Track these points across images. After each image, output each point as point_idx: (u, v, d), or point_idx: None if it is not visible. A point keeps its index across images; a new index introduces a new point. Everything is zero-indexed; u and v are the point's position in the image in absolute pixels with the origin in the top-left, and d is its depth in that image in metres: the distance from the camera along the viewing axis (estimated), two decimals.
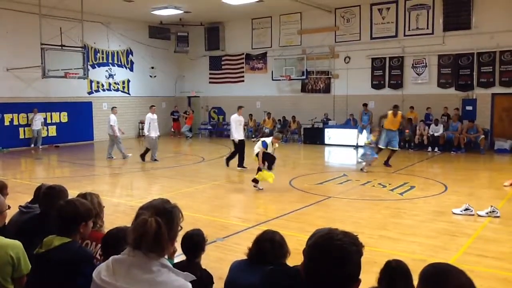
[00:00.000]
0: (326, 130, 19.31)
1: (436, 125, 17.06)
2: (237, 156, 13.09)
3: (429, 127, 17.19)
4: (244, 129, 15.11)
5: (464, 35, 17.18)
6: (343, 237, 1.74)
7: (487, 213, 7.73)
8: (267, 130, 21.31)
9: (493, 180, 11.15)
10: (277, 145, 10.60)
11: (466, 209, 7.90)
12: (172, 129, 23.96)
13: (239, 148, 13.03)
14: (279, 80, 21.65)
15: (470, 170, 13.17)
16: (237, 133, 13.06)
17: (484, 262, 5.74)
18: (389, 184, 10.68)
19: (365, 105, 18.57)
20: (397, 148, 13.45)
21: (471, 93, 17.44)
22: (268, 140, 10.48)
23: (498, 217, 7.65)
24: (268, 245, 3.01)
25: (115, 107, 16.30)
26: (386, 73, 19.23)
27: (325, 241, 1.74)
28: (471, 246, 6.32)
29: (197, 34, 24.12)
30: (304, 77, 21.02)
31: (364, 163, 12.61)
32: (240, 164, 12.96)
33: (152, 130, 14.45)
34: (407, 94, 18.55)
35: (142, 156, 14.58)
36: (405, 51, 18.61)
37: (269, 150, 10.31)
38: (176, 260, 3.43)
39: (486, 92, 17.13)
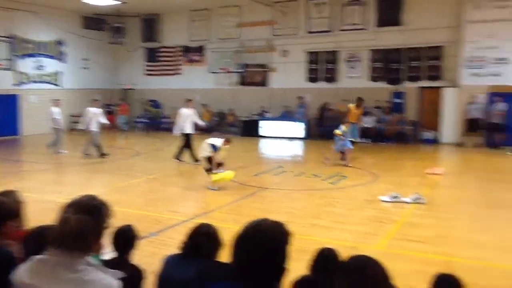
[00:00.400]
0: (262, 122, 19.52)
1: (369, 117, 17.71)
2: (188, 151, 12.65)
3: (362, 119, 17.80)
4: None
5: (395, 31, 17.91)
6: (270, 227, 1.75)
7: (413, 199, 8.16)
8: (204, 124, 21.21)
9: (419, 168, 11.76)
10: (227, 146, 9.77)
11: (394, 197, 8.30)
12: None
13: (188, 142, 12.68)
14: (217, 73, 21.59)
15: (399, 159, 13.81)
16: (188, 127, 12.69)
17: (410, 246, 6.06)
18: (322, 174, 10.99)
19: (300, 97, 18.92)
20: (359, 141, 13.75)
21: (400, 86, 18.25)
22: (218, 142, 9.46)
23: (423, 203, 8.09)
24: (203, 239, 3.00)
25: (58, 100, 15.53)
26: (321, 67, 19.69)
27: (255, 233, 1.74)
28: (398, 232, 6.65)
29: (134, 25, 23.50)
30: (242, 70, 21.09)
31: (345, 160, 12.26)
32: (195, 159, 12.27)
33: (94, 123, 13.84)
34: (341, 88, 19.10)
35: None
36: (340, 46, 19.14)
37: (219, 155, 9.44)
38: (113, 257, 3.36)
39: (414, 85, 18.01)
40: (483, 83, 15.99)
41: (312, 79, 19.89)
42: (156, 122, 23.35)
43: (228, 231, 2.75)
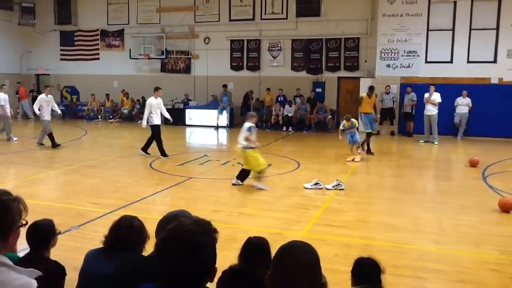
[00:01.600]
0: (187, 110, 19.28)
1: (290, 106, 18.14)
2: (155, 145, 11.76)
3: (284, 108, 18.21)
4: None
5: (314, 21, 18.41)
6: (194, 228, 1.65)
7: (333, 186, 8.50)
8: (125, 111, 20.60)
9: (339, 156, 12.27)
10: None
11: (316, 184, 8.59)
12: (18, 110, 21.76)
13: (155, 134, 11.66)
14: (138, 58, 20.95)
15: (320, 147, 14.31)
16: (154, 118, 11.59)
17: (332, 231, 6.32)
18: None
19: (224, 86, 18.94)
20: (376, 131, 13.14)
21: (320, 76, 18.84)
22: (250, 123, 8.64)
23: (342, 189, 8.46)
24: (126, 232, 2.91)
25: (4, 85, 14.33)
26: (245, 55, 19.79)
27: (175, 234, 1.65)
28: (320, 217, 6.90)
29: (46, 6, 22.10)
30: (164, 56, 20.64)
31: (360, 149, 11.88)
32: (163, 153, 11.60)
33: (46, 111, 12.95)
34: (264, 76, 19.36)
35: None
36: (262, 35, 19.33)
37: (254, 135, 8.66)
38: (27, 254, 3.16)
39: (333, 75, 18.67)
40: (396, 74, 16.95)
41: (236, 67, 19.95)
42: (73, 109, 22.28)
43: (155, 222, 2.70)
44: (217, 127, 18.30)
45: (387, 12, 16.88)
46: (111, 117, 20.81)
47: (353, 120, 11.65)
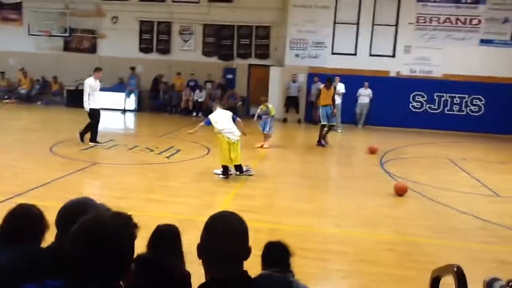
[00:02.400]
0: None
1: (200, 91, 17.99)
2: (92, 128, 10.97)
3: (194, 93, 18.02)
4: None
5: (226, 7, 18.33)
6: (113, 221, 1.59)
7: (243, 172, 8.59)
8: (23, 91, 19.14)
9: (248, 142, 12.40)
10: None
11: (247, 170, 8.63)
12: None
13: (95, 119, 10.89)
14: (38, 35, 19.48)
15: None
16: (93, 101, 10.76)
17: (242, 216, 6.38)
18: (156, 148, 10.87)
19: (132, 68, 18.29)
20: (334, 123, 12.98)
21: (231, 62, 18.87)
22: (230, 112, 8.72)
23: (252, 175, 8.59)
24: (24, 221, 2.68)
25: None
26: (154, 37, 19.22)
27: (93, 227, 1.56)
28: (231, 203, 6.97)
29: None
30: (67, 34, 19.41)
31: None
32: (93, 138, 10.87)
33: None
34: (174, 60, 18.97)
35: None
36: (173, 17, 18.87)
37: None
38: None
39: (244, 62, 18.80)
40: (304, 64, 17.48)
41: (145, 50, 19.32)
42: None
43: (53, 210, 2.53)
44: (124, 111, 17.66)
45: (297, 3, 17.28)
46: (6, 97, 19.21)
47: (270, 106, 11.86)
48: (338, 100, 15.46)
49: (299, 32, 17.40)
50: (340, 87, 15.48)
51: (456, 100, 16.96)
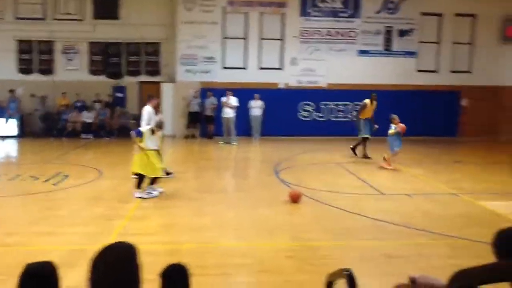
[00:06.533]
0: None
1: (89, 112, 17.20)
2: None
3: (82, 114, 17.16)
4: None
5: (113, 24, 17.78)
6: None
7: (146, 194, 8.30)
8: None
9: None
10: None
11: (149, 192, 8.29)
12: None
13: None
14: None
15: (123, 153, 13.87)
16: None
17: (138, 239, 6.08)
18: (42, 175, 10.10)
19: (11, 91, 16.95)
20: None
21: (120, 80, 18.30)
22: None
23: (154, 196, 8.33)
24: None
25: None
26: (35, 57, 18.01)
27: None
28: (125, 227, 6.68)
29: None
30: None
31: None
32: None
33: None
34: (59, 81, 17.90)
35: None
36: (55, 36, 17.83)
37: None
38: None
39: (134, 80, 18.33)
40: (196, 79, 17.50)
41: (25, 71, 17.99)
42: None
43: None
44: (3, 137, 16.25)
45: (185, 20, 17.31)
46: None
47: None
48: (231, 113, 15.71)
49: (189, 48, 17.41)
50: (233, 101, 15.74)
51: (341, 108, 18.09)
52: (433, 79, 18.07)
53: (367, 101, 13.24)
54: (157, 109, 10.70)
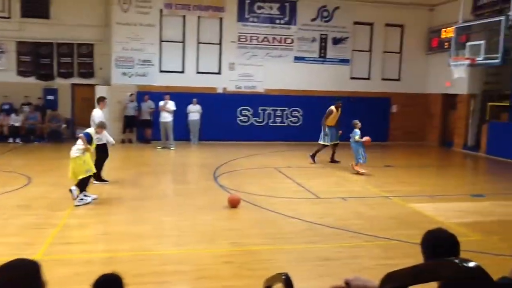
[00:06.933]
0: None
1: (17, 115, 16.33)
2: None
3: (9, 117, 16.27)
4: None
5: (43, 23, 17.00)
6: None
7: (82, 199, 7.99)
8: None
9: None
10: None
11: (81, 199, 7.96)
12: None
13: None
14: None
15: (55, 159, 13.29)
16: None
17: (71, 249, 5.94)
18: None
19: None
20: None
21: (52, 82, 17.54)
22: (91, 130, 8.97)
23: (89, 203, 8.05)
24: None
25: None
26: None
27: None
28: (57, 236, 6.40)
29: None
30: None
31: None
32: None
33: None
34: None
35: None
36: None
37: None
38: None
39: (67, 82, 17.63)
40: (132, 83, 17.11)
41: None
42: None
43: None
44: None
45: (121, 21, 16.88)
46: None
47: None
48: (170, 117, 15.51)
49: (124, 50, 16.99)
50: (170, 105, 15.55)
51: (278, 113, 18.38)
52: (365, 86, 18.81)
53: (332, 108, 13.43)
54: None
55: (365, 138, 11.68)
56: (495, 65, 13.98)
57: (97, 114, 10.30)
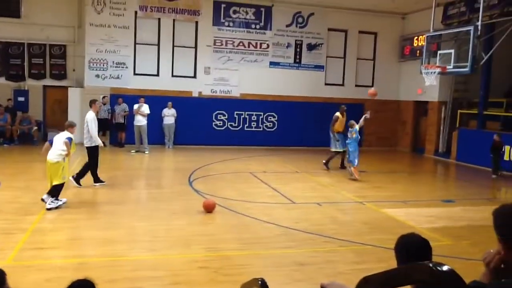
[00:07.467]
0: None
1: None
2: None
3: None
4: None
5: (13, 23, 16.63)
6: None
7: (53, 201, 7.81)
8: None
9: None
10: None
11: (53, 202, 7.79)
12: None
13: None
14: None
15: (25, 162, 13.02)
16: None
17: (42, 254, 5.81)
18: None
19: None
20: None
21: (23, 84, 17.15)
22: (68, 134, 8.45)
23: (58, 207, 7.88)
24: None
25: None
26: None
27: None
28: (28, 241, 6.25)
29: None
30: None
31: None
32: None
33: None
34: None
35: None
36: None
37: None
38: None
39: (38, 83, 17.27)
40: (106, 85, 16.86)
41: None
42: None
43: None
44: None
45: (94, 22, 16.63)
46: None
47: None
48: (144, 121, 15.34)
49: (98, 52, 16.74)
50: (145, 108, 15.39)
51: (254, 118, 18.40)
52: (340, 92, 19.01)
53: (338, 114, 13.51)
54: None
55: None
56: (465, 73, 14.34)
57: (90, 117, 10.25)
